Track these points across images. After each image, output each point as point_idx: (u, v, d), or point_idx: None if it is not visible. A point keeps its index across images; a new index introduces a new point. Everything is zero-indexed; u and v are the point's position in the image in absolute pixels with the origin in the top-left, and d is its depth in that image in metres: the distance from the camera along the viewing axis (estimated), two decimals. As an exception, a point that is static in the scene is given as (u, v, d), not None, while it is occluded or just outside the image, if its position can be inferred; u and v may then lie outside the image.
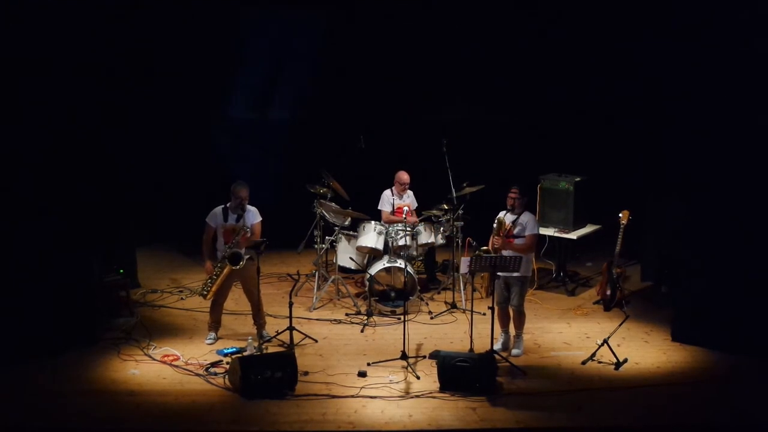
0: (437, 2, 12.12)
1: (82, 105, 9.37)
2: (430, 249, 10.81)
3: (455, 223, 10.40)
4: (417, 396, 8.16)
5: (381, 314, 10.08)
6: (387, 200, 10.71)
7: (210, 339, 9.34)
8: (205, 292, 9.24)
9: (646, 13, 10.79)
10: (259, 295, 9.28)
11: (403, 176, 10.68)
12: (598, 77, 11.91)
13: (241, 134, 12.63)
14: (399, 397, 8.15)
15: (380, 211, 10.79)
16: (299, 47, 12.40)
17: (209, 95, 12.45)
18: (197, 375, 8.55)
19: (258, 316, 9.35)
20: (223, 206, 9.20)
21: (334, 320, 9.98)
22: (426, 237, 10.39)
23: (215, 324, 9.40)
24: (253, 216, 9.23)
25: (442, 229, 10.53)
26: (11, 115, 8.75)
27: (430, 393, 8.21)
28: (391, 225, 10.39)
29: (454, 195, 10.39)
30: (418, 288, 10.30)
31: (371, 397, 8.14)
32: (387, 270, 10.12)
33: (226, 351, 9.01)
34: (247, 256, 9.16)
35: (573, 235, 10.84)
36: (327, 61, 12.37)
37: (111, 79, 10.14)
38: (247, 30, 12.19)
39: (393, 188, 10.74)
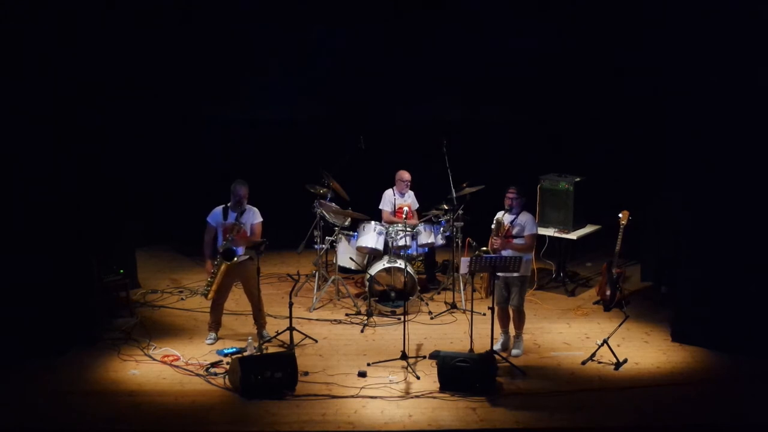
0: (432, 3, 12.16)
1: (81, 105, 9.37)
2: (430, 249, 10.81)
3: (455, 223, 10.41)
4: (417, 396, 8.17)
5: (381, 314, 10.08)
6: (388, 200, 10.72)
7: (210, 339, 9.34)
8: (206, 292, 9.24)
9: (645, 12, 10.80)
10: (260, 295, 9.28)
11: (404, 174, 10.70)
12: (598, 77, 11.93)
13: (242, 134, 12.62)
14: (399, 397, 8.16)
15: (381, 210, 10.80)
16: (300, 47, 12.43)
17: (209, 95, 12.46)
18: (197, 375, 8.56)
19: (258, 317, 9.36)
20: (223, 206, 9.20)
21: (334, 320, 9.98)
22: (426, 237, 10.40)
23: (215, 324, 9.40)
24: (254, 216, 9.23)
25: (442, 229, 10.53)
26: (10, 115, 8.75)
27: (430, 393, 8.22)
28: (391, 225, 10.39)
29: (454, 195, 10.39)
30: (418, 288, 10.30)
31: (371, 398, 8.14)
32: (387, 270, 10.12)
33: (226, 351, 9.02)
34: (247, 256, 9.16)
35: (573, 236, 10.83)
36: (328, 61, 12.39)
37: (111, 79, 10.15)
38: (247, 29, 12.22)
39: (394, 187, 10.76)
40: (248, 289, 9.32)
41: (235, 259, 9.02)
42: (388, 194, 10.77)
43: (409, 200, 10.81)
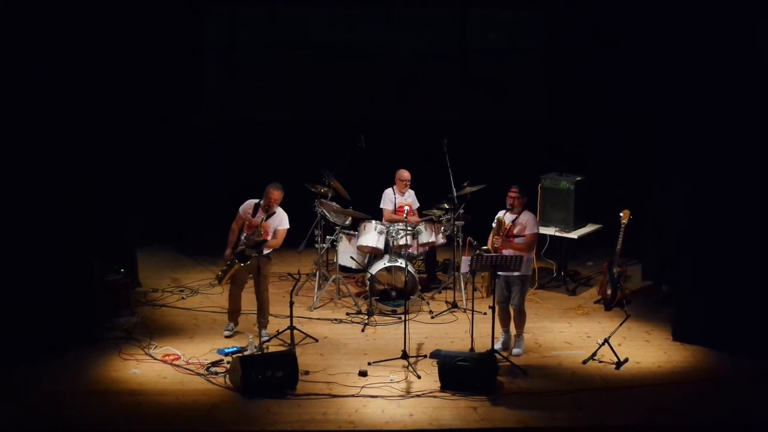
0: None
1: (81, 105, 9.38)
2: (431, 248, 10.80)
3: (456, 222, 10.40)
4: (418, 395, 8.16)
5: (382, 314, 10.07)
6: (389, 199, 10.72)
7: (228, 330, 9.37)
8: (220, 278, 9.33)
9: (646, 11, 10.81)
10: (267, 295, 9.28)
11: (404, 174, 10.69)
12: (598, 76, 11.93)
13: (243, 134, 12.63)
14: (400, 396, 8.16)
15: (382, 209, 10.80)
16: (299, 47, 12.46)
17: (209, 95, 12.46)
18: (198, 374, 8.55)
19: (260, 315, 9.36)
20: (257, 200, 9.22)
21: (335, 320, 9.98)
22: (427, 236, 10.39)
23: (233, 314, 9.42)
24: (281, 221, 9.23)
25: (443, 229, 10.53)
26: (11, 116, 8.76)
27: (431, 392, 8.21)
28: (392, 224, 10.38)
29: (455, 194, 10.39)
30: (419, 287, 10.30)
31: (372, 397, 8.14)
32: (388, 269, 10.12)
33: (226, 350, 9.01)
34: (267, 253, 9.15)
35: (574, 235, 10.83)
36: (328, 61, 12.41)
37: (111, 80, 10.16)
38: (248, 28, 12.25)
39: (394, 186, 10.75)
40: (258, 285, 9.29)
41: (248, 262, 9.02)
42: (388, 193, 10.76)
43: (410, 199, 10.80)
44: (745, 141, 8.83)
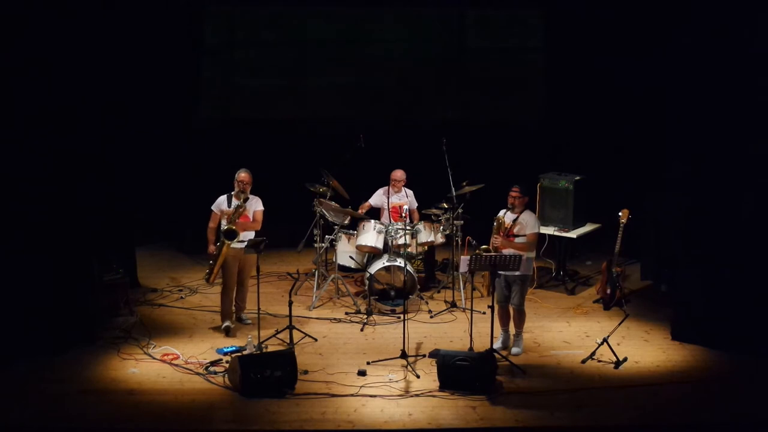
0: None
1: (81, 106, 9.38)
2: (429, 248, 10.81)
3: (455, 222, 10.40)
4: (417, 395, 8.16)
5: (381, 313, 10.08)
6: (376, 194, 10.72)
7: (227, 326, 9.43)
8: (208, 276, 9.40)
9: (646, 9, 10.82)
10: (248, 284, 9.31)
11: (396, 173, 10.66)
12: (597, 75, 11.93)
13: (242, 133, 12.64)
14: (399, 395, 8.15)
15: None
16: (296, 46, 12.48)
17: (208, 95, 12.45)
18: (197, 374, 8.55)
19: (239, 299, 9.54)
20: (227, 194, 9.38)
21: (334, 319, 9.98)
22: (426, 236, 10.39)
23: (228, 314, 9.51)
24: (256, 203, 9.44)
25: (441, 228, 10.52)
26: (12, 118, 8.75)
27: (430, 392, 8.21)
28: (390, 224, 10.37)
29: (454, 194, 10.39)
30: (418, 287, 10.30)
31: (371, 396, 8.14)
32: (387, 269, 10.12)
33: (225, 350, 9.02)
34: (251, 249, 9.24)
35: (573, 234, 10.83)
36: (326, 59, 12.42)
37: (110, 79, 10.16)
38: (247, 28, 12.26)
39: (390, 186, 10.75)
40: (242, 275, 9.47)
41: (237, 239, 9.12)
42: (379, 191, 10.76)
43: (407, 199, 10.78)
44: (745, 140, 8.82)
